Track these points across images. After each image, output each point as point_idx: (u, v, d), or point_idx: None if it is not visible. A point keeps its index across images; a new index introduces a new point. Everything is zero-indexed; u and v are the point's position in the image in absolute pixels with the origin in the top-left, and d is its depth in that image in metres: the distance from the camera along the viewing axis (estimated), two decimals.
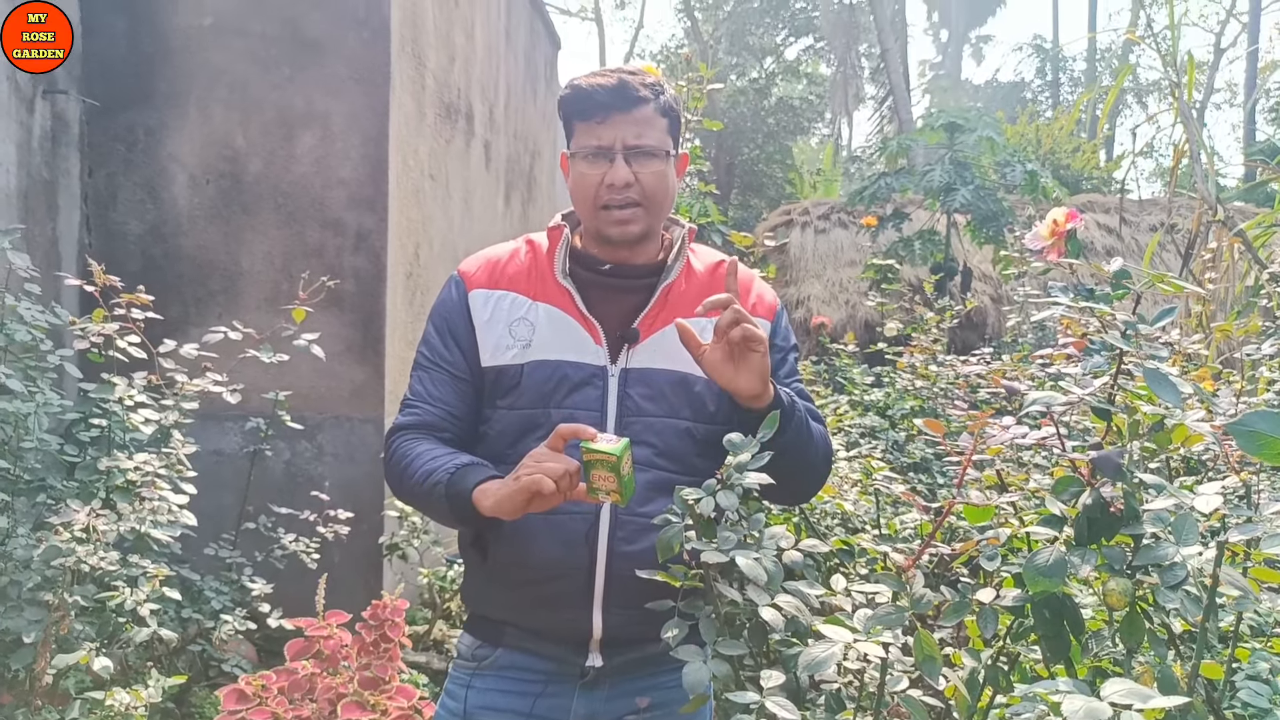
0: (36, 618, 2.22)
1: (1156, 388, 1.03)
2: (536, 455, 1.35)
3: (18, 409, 2.47)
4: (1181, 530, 1.02)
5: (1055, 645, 1.08)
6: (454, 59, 4.95)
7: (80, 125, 4.00)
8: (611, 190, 1.50)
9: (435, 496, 1.44)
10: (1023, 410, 1.14)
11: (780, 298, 1.80)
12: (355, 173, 4.03)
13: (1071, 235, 1.92)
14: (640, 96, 1.50)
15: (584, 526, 1.47)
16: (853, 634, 1.03)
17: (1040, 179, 8.70)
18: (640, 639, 1.51)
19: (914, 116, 17.49)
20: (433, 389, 1.57)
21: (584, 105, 1.51)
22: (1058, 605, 1.08)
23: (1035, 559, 1.04)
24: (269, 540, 3.52)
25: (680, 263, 1.58)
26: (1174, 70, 4.69)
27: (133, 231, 4.06)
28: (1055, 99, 27.32)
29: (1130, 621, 1.05)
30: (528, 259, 1.60)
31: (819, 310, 9.98)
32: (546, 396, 1.49)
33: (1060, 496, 1.11)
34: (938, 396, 4.29)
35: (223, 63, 4.03)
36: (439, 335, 1.59)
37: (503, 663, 1.57)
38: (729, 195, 17.12)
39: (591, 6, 24.38)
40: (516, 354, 1.52)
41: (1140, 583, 1.05)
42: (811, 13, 20.37)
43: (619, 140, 1.49)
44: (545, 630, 1.54)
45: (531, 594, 1.51)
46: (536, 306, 1.54)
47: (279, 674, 2.64)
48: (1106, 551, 1.05)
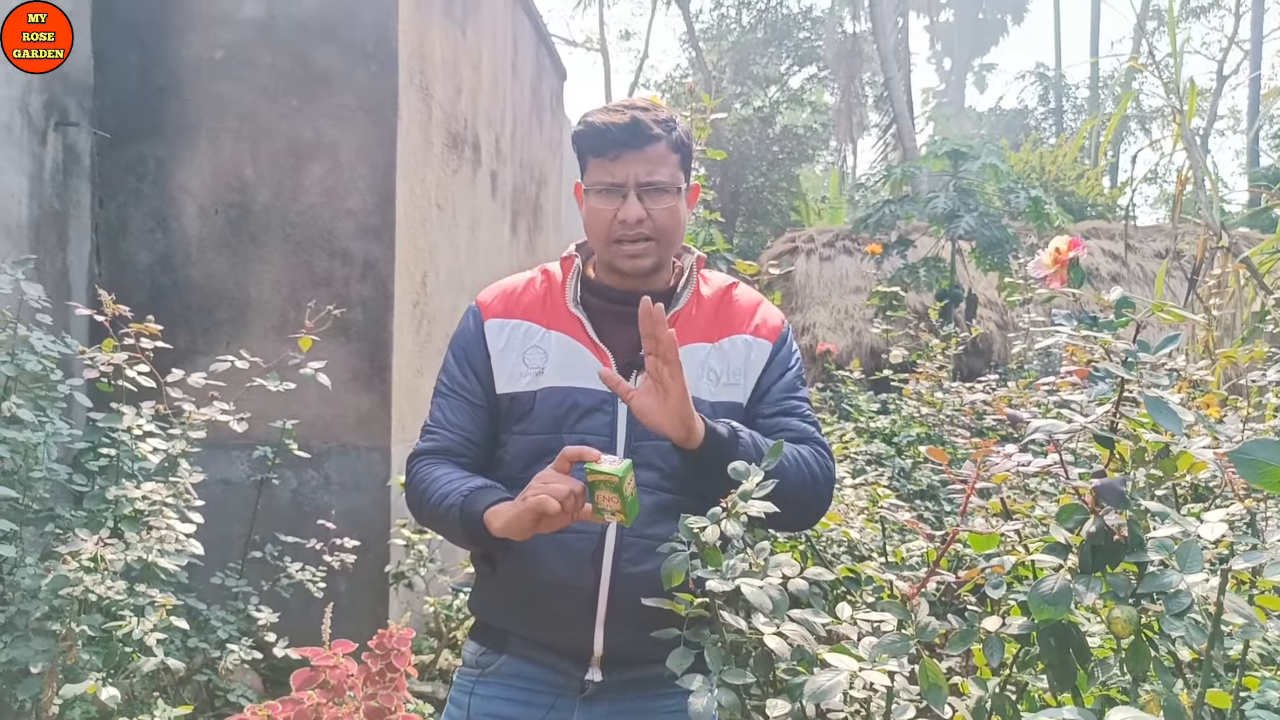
0: (43, 648, 2.22)
1: (1158, 415, 1.04)
2: (543, 477, 1.38)
3: (27, 438, 2.48)
4: (1185, 558, 1.02)
5: (1061, 673, 1.08)
6: (461, 90, 5.00)
7: (91, 157, 4.05)
8: (624, 226, 1.54)
9: (450, 519, 1.48)
10: (1025, 438, 1.15)
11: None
12: (363, 202, 4.07)
13: (1074, 263, 1.94)
14: (653, 134, 1.54)
15: (590, 546, 1.50)
16: (859, 662, 1.03)
17: (1044, 205, 8.72)
18: (640, 659, 1.53)
19: (918, 144, 17.57)
20: (451, 416, 1.61)
21: (597, 142, 1.55)
22: (1063, 633, 1.08)
23: (1040, 587, 1.04)
24: (275, 569, 3.51)
25: (689, 290, 1.62)
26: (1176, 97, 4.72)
27: (142, 261, 4.09)
28: (1059, 126, 27.43)
29: (1136, 650, 1.05)
30: (542, 288, 1.65)
31: (824, 337, 9.98)
32: (558, 422, 1.53)
33: (1064, 524, 1.11)
34: (943, 424, 4.28)
35: (232, 94, 4.08)
36: (457, 364, 1.64)
37: (506, 670, 1.61)
38: (734, 223, 17.18)
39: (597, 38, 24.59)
40: (529, 381, 1.56)
41: (1145, 610, 1.05)
42: (815, 42, 20.52)
43: (631, 177, 1.53)
44: (547, 643, 1.57)
45: (536, 609, 1.54)
46: (549, 335, 1.59)
47: (285, 704, 2.63)
48: (1111, 579, 1.05)
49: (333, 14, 4.07)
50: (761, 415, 1.60)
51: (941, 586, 1.38)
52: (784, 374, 1.63)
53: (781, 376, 1.63)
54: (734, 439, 1.45)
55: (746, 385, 1.60)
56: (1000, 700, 1.18)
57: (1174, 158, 15.46)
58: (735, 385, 1.59)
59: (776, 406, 1.61)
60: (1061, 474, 1.16)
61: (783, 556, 1.18)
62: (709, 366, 1.58)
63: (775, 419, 1.60)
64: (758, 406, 1.60)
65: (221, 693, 3.16)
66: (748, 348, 1.61)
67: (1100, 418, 1.12)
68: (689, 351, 1.55)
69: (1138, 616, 1.03)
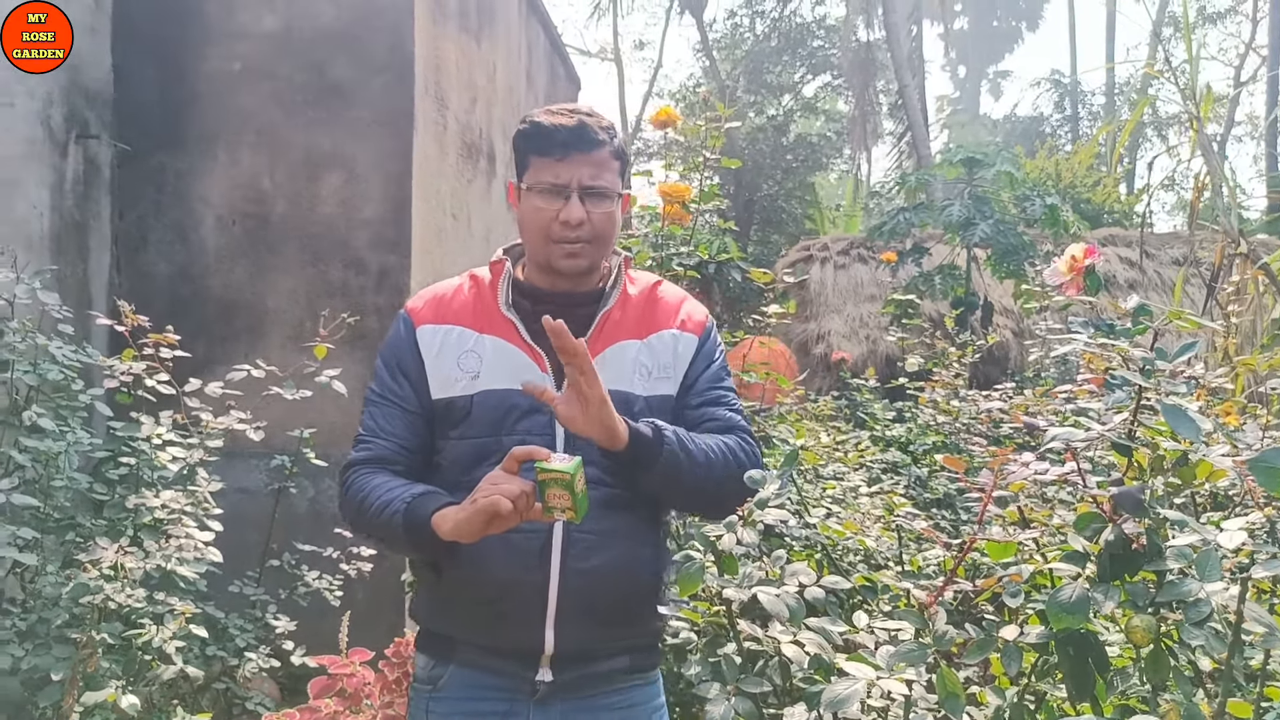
0: (64, 655, 2.24)
1: (1175, 423, 1.03)
2: (492, 478, 1.39)
3: (49, 447, 2.50)
4: (1205, 566, 1.01)
5: (1080, 683, 1.08)
6: (475, 100, 5.03)
7: (111, 169, 4.09)
8: (565, 227, 1.56)
9: (393, 526, 1.48)
10: (1043, 446, 1.15)
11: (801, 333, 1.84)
12: (379, 213, 4.09)
13: (1090, 271, 1.93)
14: (599, 140, 1.57)
15: (537, 544, 1.51)
16: (876, 671, 1.03)
17: (1061, 213, 8.69)
18: (591, 655, 1.56)
19: (932, 151, 17.53)
20: (385, 424, 1.61)
21: (544, 143, 1.57)
22: (1082, 642, 1.08)
23: (1058, 595, 1.04)
24: (293, 577, 3.53)
25: (617, 290, 1.64)
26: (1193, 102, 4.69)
27: (161, 272, 4.12)
28: (1074, 133, 27.30)
29: (1155, 659, 1.04)
30: (472, 293, 1.66)
31: (839, 345, 9.96)
32: (497, 424, 1.55)
33: (1082, 532, 1.11)
34: (960, 432, 4.27)
35: (250, 107, 4.12)
36: (388, 371, 1.64)
37: (455, 681, 1.61)
38: (748, 231, 17.18)
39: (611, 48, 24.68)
40: (465, 385, 1.58)
41: (1165, 619, 1.04)
42: (829, 50, 20.53)
43: (575, 179, 1.56)
44: (495, 646, 1.58)
45: (485, 611, 1.55)
46: (483, 339, 1.60)
47: (302, 712, 2.64)
48: (1130, 588, 1.05)
49: (349, 26, 4.11)
50: (689, 406, 1.64)
51: (958, 595, 1.38)
52: (709, 365, 1.68)
53: (707, 368, 1.67)
54: (658, 437, 1.48)
55: (676, 378, 1.64)
56: (1019, 710, 1.18)
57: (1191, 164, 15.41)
58: (665, 379, 1.63)
59: (703, 397, 1.65)
60: (1079, 482, 1.16)
61: (799, 565, 1.18)
62: (640, 363, 1.61)
63: (702, 409, 1.64)
64: (686, 398, 1.65)
65: (240, 701, 3.17)
66: (675, 341, 1.65)
67: (1118, 425, 1.12)
68: (619, 349, 1.60)
69: (1157, 625, 1.02)
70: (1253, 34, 25.00)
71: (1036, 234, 9.74)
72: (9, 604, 2.44)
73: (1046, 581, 1.30)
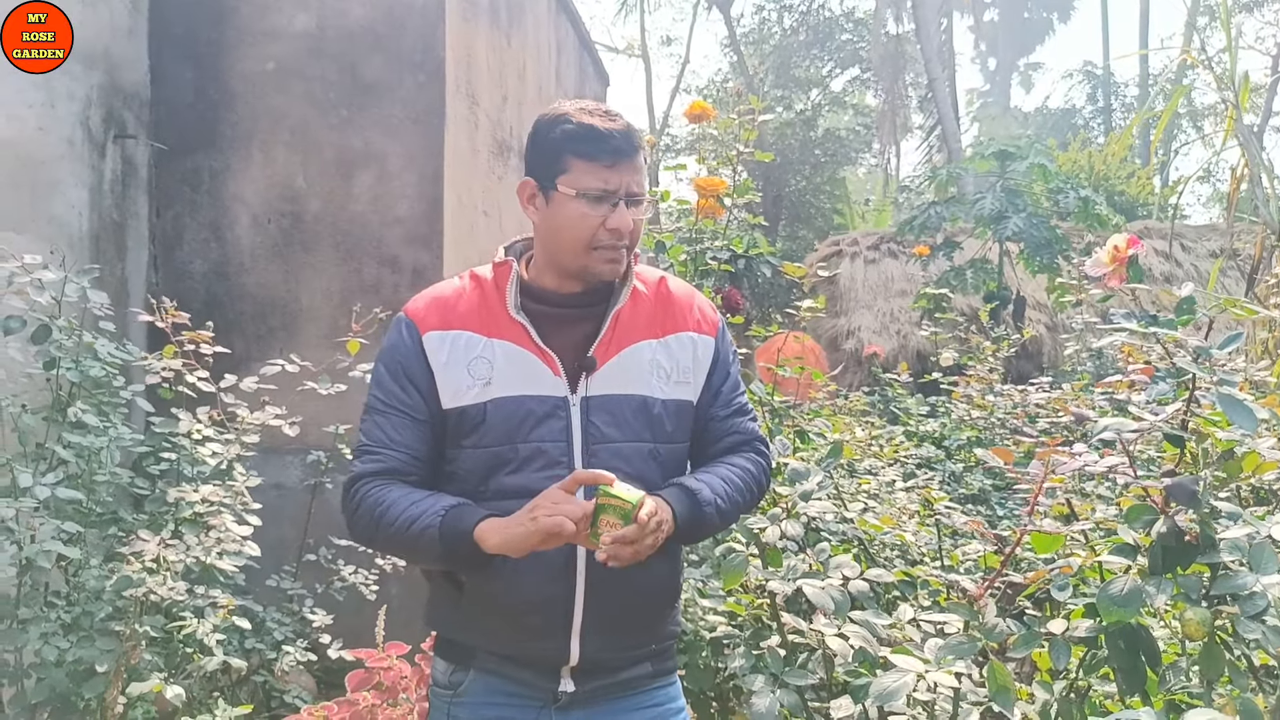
0: (108, 647, 2.27)
1: (1232, 413, 1.02)
2: (553, 498, 1.38)
3: (91, 443, 2.54)
4: (1259, 559, 1.00)
5: (1131, 677, 1.06)
6: (506, 98, 5.04)
7: (148, 169, 4.14)
8: (614, 235, 1.52)
9: (425, 539, 1.44)
10: (1093, 437, 1.13)
11: (830, 328, 1.83)
12: (411, 210, 4.11)
13: (1133, 261, 1.90)
14: (639, 146, 1.55)
15: (562, 558, 1.49)
16: (925, 664, 1.02)
17: (1094, 205, 8.59)
18: (613, 665, 1.56)
19: (963, 145, 17.37)
20: (393, 434, 1.55)
21: (595, 147, 1.50)
22: (1133, 636, 1.06)
23: (1110, 588, 1.02)
24: (329, 572, 3.56)
25: (627, 288, 1.61)
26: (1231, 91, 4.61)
27: (197, 270, 4.17)
28: (1107, 125, 26.94)
29: (1209, 652, 1.03)
30: (475, 295, 1.60)
31: (870, 340, 9.90)
32: (512, 432, 1.51)
33: (1134, 525, 1.09)
34: (995, 427, 4.23)
35: (284, 106, 4.15)
36: (394, 379, 1.57)
37: (477, 687, 1.59)
38: (777, 227, 17.12)
39: (638, 44, 24.67)
40: (478, 393, 1.52)
41: (1219, 613, 1.02)
42: (858, 44, 20.41)
43: (624, 186, 1.51)
44: (519, 657, 1.56)
45: (511, 624, 1.53)
46: (492, 344, 1.54)
47: (340, 705, 2.66)
48: (1183, 580, 1.03)
49: (381, 25, 4.13)
50: (716, 418, 1.65)
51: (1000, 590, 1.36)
52: (729, 370, 1.68)
53: (728, 375, 1.67)
54: (700, 511, 1.50)
55: (696, 384, 1.63)
56: (1066, 705, 1.16)
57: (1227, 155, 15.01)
58: (685, 384, 1.62)
59: (729, 408, 1.66)
60: (1130, 474, 1.14)
61: (843, 558, 1.18)
62: (658, 363, 1.59)
63: (729, 420, 1.65)
64: (711, 408, 1.64)
65: (278, 694, 3.20)
66: (694, 345, 1.63)
67: (1171, 416, 1.10)
68: (635, 350, 1.57)
69: (1211, 619, 1.01)
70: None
71: (1069, 228, 9.63)
72: (54, 596, 2.48)
73: (1094, 575, 1.29)
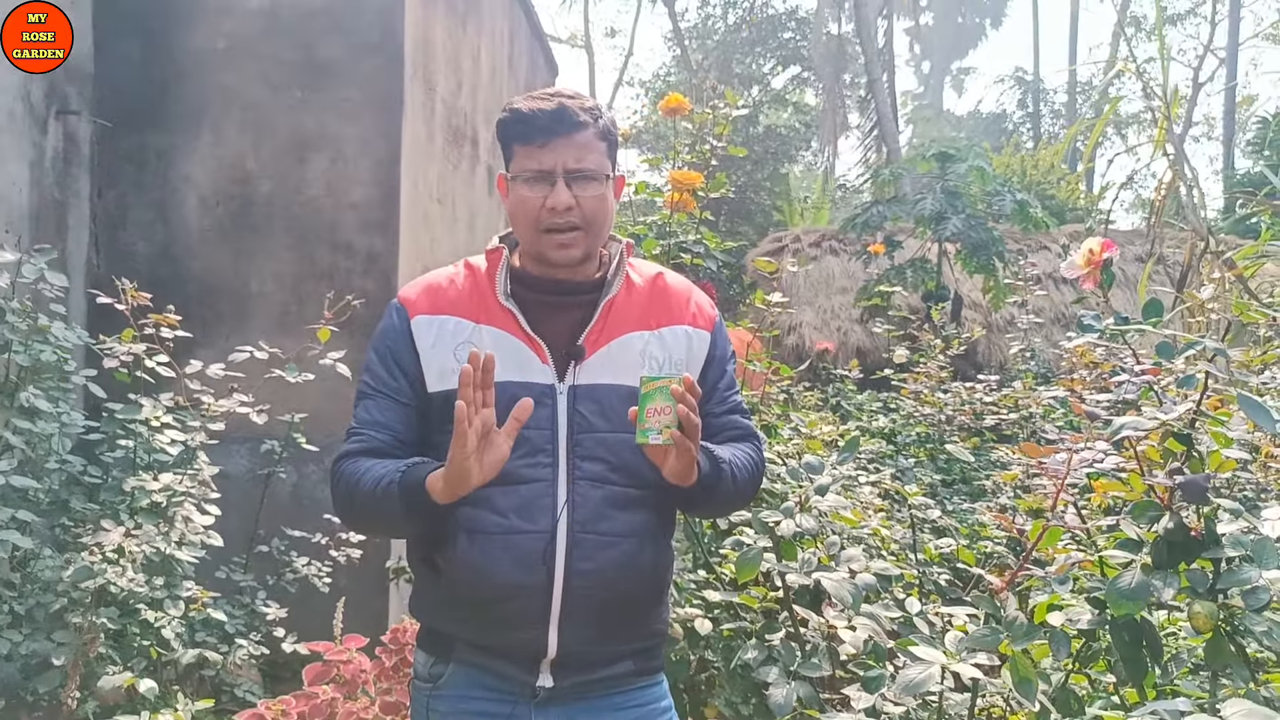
0: (64, 640, 2.20)
1: (1252, 414, 1.05)
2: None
3: (42, 429, 2.45)
4: (1262, 553, 1.04)
5: (1134, 668, 1.09)
6: (461, 84, 4.98)
7: (91, 146, 3.99)
8: (553, 214, 1.51)
9: (389, 498, 1.44)
10: (1112, 434, 1.16)
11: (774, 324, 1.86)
12: (366, 196, 4.04)
13: (1107, 264, 1.96)
14: (580, 121, 1.52)
15: (540, 545, 1.48)
16: (947, 657, 1.04)
17: (1030, 209, 8.81)
18: (593, 661, 1.54)
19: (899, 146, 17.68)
20: (379, 416, 1.57)
21: (525, 129, 1.52)
22: (1136, 628, 1.10)
23: (1117, 581, 1.06)
24: (279, 564, 3.49)
25: (620, 277, 1.60)
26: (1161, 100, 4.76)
27: (141, 252, 4.04)
28: (1036, 130, 27.69)
29: (1215, 644, 1.07)
30: (467, 283, 1.61)
31: (811, 336, 10.03)
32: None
33: (1139, 520, 1.13)
34: (943, 424, 4.32)
35: (236, 85, 4.04)
36: (382, 363, 1.59)
37: (456, 680, 1.58)
38: (718, 222, 17.22)
39: (582, 35, 24.56)
40: None
41: (1225, 606, 1.06)
42: (800, 42, 20.61)
43: (559, 164, 1.51)
44: (496, 647, 1.55)
45: (487, 613, 1.52)
46: (480, 329, 1.55)
47: (298, 699, 2.61)
48: (1188, 574, 1.07)
49: (338, 6, 4.04)
50: (711, 414, 1.63)
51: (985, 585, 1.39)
52: (726, 369, 1.68)
53: (724, 373, 1.67)
54: (716, 470, 1.51)
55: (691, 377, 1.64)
56: (1064, 694, 1.20)
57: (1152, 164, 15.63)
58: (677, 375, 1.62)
59: (725, 405, 1.67)
60: (1139, 470, 1.18)
61: (852, 550, 1.19)
62: (650, 354, 1.58)
63: (725, 417, 1.65)
64: (706, 405, 1.63)
65: (228, 688, 3.13)
66: (689, 339, 1.63)
67: (1181, 415, 1.14)
68: (627, 341, 1.57)
69: (1218, 611, 1.05)
70: (1211, 35, 25.49)
71: (1004, 229, 9.87)
72: (3, 587, 2.39)
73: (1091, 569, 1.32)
